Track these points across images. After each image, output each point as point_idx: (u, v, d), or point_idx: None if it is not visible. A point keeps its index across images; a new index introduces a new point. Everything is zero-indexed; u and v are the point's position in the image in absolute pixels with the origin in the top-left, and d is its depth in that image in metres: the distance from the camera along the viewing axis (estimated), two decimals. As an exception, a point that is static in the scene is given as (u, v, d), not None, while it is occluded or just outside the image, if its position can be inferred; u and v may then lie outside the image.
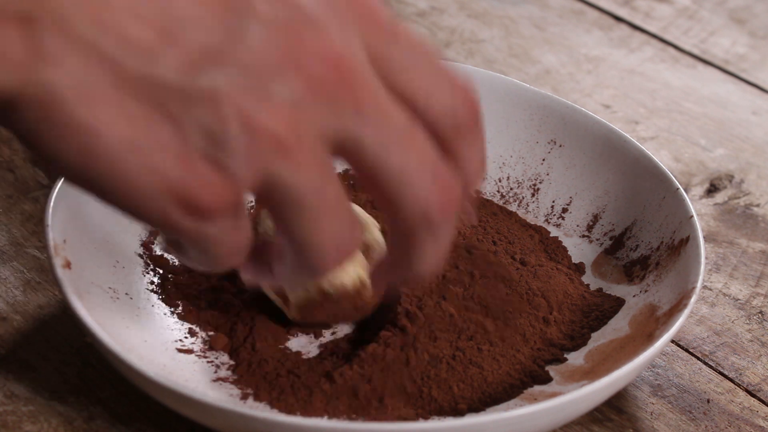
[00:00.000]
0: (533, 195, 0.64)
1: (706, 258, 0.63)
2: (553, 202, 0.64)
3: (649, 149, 0.67)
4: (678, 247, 0.57)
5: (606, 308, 0.58)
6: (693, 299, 0.53)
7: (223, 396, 0.52)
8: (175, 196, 0.41)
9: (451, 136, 0.45)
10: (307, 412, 0.51)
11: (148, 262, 0.58)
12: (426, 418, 0.52)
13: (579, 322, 0.57)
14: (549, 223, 0.64)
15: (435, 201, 0.44)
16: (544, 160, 0.65)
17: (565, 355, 0.56)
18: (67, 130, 0.40)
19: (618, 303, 0.58)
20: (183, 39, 0.40)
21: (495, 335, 0.55)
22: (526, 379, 0.54)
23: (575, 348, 0.56)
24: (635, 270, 0.59)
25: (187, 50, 0.40)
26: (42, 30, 0.39)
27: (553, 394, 0.53)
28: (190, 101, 0.40)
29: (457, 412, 0.52)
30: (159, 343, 0.54)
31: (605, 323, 0.57)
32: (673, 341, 0.59)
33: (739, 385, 0.57)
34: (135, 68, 0.40)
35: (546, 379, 0.54)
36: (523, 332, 0.55)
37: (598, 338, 0.56)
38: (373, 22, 0.43)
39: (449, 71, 0.45)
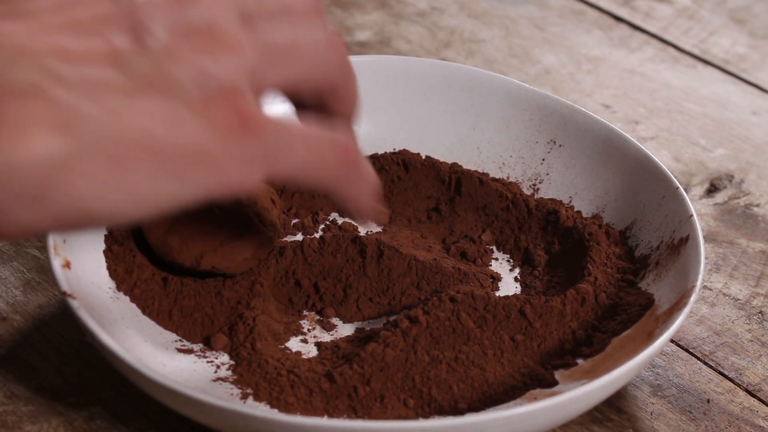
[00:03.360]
0: (533, 195, 0.64)
1: (706, 258, 0.63)
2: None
3: (649, 149, 0.67)
4: (678, 246, 0.57)
5: (633, 312, 0.57)
6: (693, 298, 0.53)
7: (223, 396, 0.52)
8: (224, 134, 0.45)
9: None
10: (307, 412, 0.51)
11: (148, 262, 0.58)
12: (426, 417, 0.52)
13: (601, 328, 0.56)
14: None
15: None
16: (544, 160, 0.65)
17: (576, 360, 0.55)
18: (132, 153, 0.43)
19: (648, 302, 0.57)
20: (116, 36, 0.45)
21: (509, 345, 0.55)
22: (529, 381, 0.54)
23: (591, 355, 0.55)
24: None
25: (125, 41, 0.44)
26: (47, 90, 0.43)
27: (553, 393, 0.53)
28: (162, 72, 0.44)
29: (457, 412, 0.52)
30: (159, 343, 0.54)
31: (628, 327, 0.56)
32: (673, 341, 0.59)
33: (739, 385, 0.57)
34: (118, 78, 0.44)
35: (551, 383, 0.54)
36: (540, 342, 0.55)
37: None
38: None
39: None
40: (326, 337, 0.56)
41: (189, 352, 0.55)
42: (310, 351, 0.56)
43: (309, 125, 0.47)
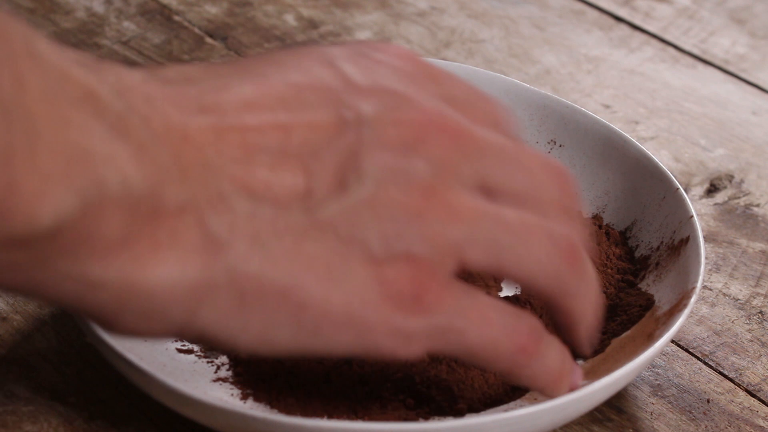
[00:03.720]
0: (533, 195, 0.64)
1: (706, 258, 0.63)
2: (553, 202, 0.64)
3: (649, 149, 0.67)
4: (678, 247, 0.57)
5: (633, 312, 0.57)
6: (693, 299, 0.53)
7: (223, 396, 0.52)
8: (390, 303, 0.40)
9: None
10: (306, 412, 0.51)
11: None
12: (426, 418, 0.52)
13: (601, 328, 0.56)
14: (549, 223, 0.63)
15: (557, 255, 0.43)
16: (544, 160, 0.65)
17: (578, 362, 0.55)
18: (271, 299, 0.39)
19: (648, 303, 0.57)
20: (319, 171, 0.38)
21: None
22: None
23: (591, 355, 0.55)
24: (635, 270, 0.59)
25: (327, 180, 0.38)
26: (205, 213, 0.38)
27: (553, 394, 0.53)
28: (353, 220, 0.39)
29: (457, 412, 0.52)
30: (159, 343, 0.54)
31: (629, 328, 0.56)
32: (673, 341, 0.59)
33: (739, 385, 0.57)
34: (297, 219, 0.38)
35: None
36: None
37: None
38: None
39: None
40: (326, 338, 0.56)
41: (189, 352, 0.55)
42: (310, 351, 0.56)
43: (496, 302, 0.42)
